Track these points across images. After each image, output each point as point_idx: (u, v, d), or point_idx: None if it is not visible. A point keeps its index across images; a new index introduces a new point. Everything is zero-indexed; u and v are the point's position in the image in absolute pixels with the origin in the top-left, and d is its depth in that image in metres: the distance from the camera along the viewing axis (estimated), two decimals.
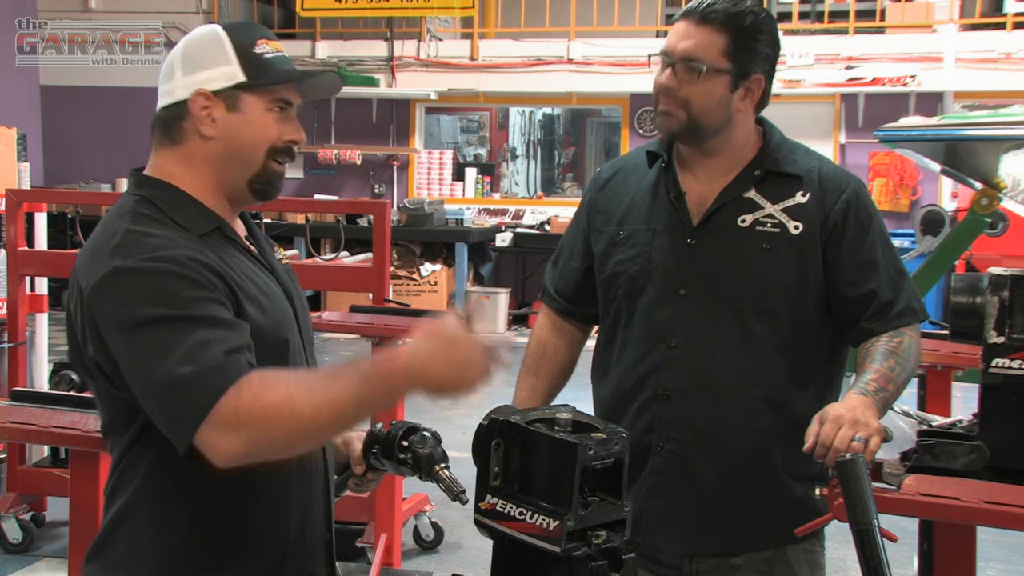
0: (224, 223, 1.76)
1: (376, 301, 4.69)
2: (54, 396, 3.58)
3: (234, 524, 1.69)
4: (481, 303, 1.74)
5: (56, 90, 12.36)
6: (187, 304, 1.57)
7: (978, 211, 5.82)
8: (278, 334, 1.73)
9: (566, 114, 16.02)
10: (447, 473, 1.77)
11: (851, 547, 1.81)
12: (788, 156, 2.21)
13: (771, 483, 2.17)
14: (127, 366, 1.58)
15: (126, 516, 1.70)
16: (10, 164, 5.93)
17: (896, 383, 2.06)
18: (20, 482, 4.90)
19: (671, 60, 2.13)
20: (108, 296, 1.59)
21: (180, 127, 1.74)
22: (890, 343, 2.10)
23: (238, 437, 1.50)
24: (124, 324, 1.57)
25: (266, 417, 1.50)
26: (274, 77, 1.74)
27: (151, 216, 1.68)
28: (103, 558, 1.73)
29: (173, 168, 1.75)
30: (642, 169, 2.30)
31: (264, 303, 1.71)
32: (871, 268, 2.15)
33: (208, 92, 1.71)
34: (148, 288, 1.57)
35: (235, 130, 1.73)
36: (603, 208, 2.32)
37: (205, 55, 1.73)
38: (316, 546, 1.82)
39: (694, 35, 2.11)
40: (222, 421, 1.49)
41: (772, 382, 2.15)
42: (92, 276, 1.62)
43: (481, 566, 4.27)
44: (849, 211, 2.15)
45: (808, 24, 11.41)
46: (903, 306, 2.15)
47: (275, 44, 1.77)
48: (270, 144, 1.75)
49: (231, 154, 1.74)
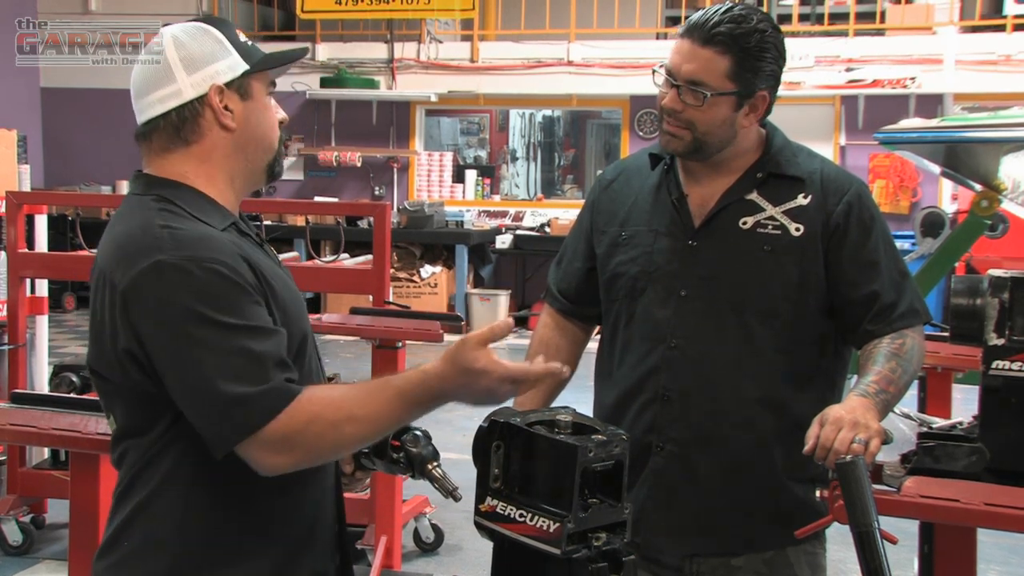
0: (236, 219, 1.78)
1: (376, 303, 4.68)
2: (54, 398, 3.58)
3: (252, 519, 1.71)
4: (506, 322, 1.78)
5: (56, 92, 12.36)
6: (232, 307, 1.60)
7: (978, 213, 5.82)
8: (299, 327, 1.75)
9: (566, 116, 16.03)
10: (439, 471, 1.78)
11: (852, 549, 1.81)
12: (790, 159, 2.21)
13: (771, 484, 2.17)
14: (169, 364, 1.60)
15: (142, 512, 1.71)
16: (10, 166, 5.93)
17: (898, 385, 2.06)
18: (20, 484, 4.89)
19: (675, 82, 2.11)
20: (151, 291, 1.60)
21: (196, 125, 1.74)
22: (892, 345, 2.10)
23: (287, 457, 1.60)
24: (168, 321, 1.59)
25: (315, 442, 1.60)
26: (269, 60, 1.81)
27: (175, 213, 1.69)
28: (116, 554, 1.73)
29: (186, 168, 1.75)
30: (645, 171, 2.30)
31: (287, 297, 1.74)
32: (873, 270, 2.14)
33: (221, 85, 1.74)
34: (193, 286, 1.59)
35: (252, 117, 1.78)
36: (606, 209, 2.33)
37: (205, 51, 1.74)
38: (327, 538, 1.84)
39: (698, 57, 2.08)
40: (272, 440, 1.57)
41: (772, 383, 2.15)
42: (130, 271, 1.62)
43: (481, 568, 4.27)
44: (851, 213, 2.15)
45: (808, 26, 11.41)
46: (906, 308, 2.14)
47: (244, 33, 1.84)
48: (278, 125, 1.83)
49: (252, 141, 1.78)
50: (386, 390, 1.61)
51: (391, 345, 4.40)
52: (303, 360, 1.74)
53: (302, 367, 1.72)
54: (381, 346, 4.43)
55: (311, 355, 1.80)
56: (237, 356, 1.57)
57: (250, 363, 1.57)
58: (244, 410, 1.56)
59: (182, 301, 1.58)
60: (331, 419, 1.59)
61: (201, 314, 1.57)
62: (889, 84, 10.37)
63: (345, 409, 1.60)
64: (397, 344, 4.40)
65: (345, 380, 4.31)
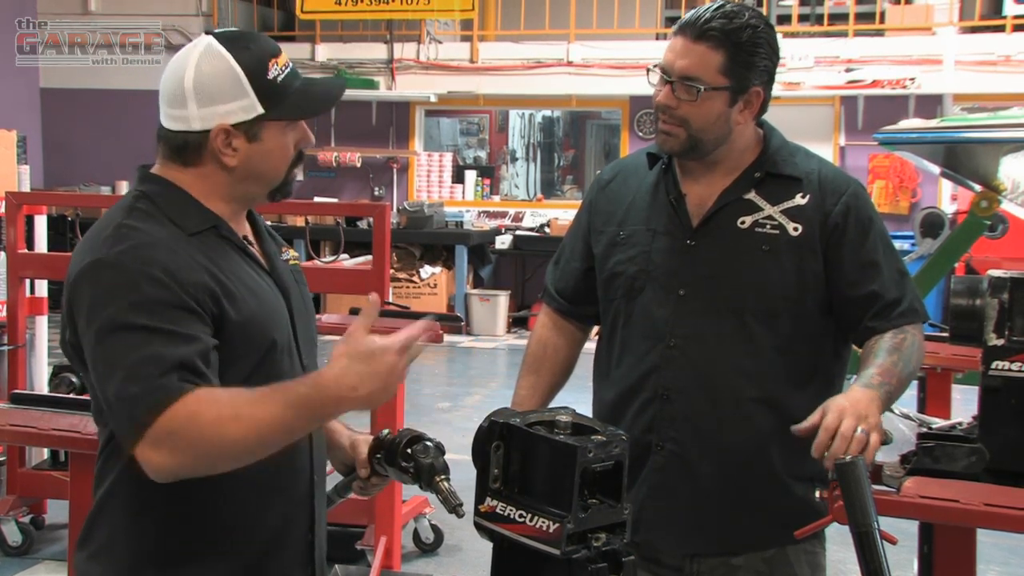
0: (222, 223, 1.77)
1: None
2: (54, 399, 3.59)
3: (206, 519, 1.71)
4: (374, 297, 1.79)
5: (56, 93, 12.35)
6: (154, 312, 1.60)
7: (978, 213, 5.82)
8: (264, 334, 1.74)
9: (566, 116, 16.02)
10: (446, 485, 1.77)
11: (851, 549, 1.81)
12: (788, 159, 2.21)
13: (771, 483, 2.17)
14: (90, 359, 1.64)
15: (107, 504, 1.74)
16: (10, 166, 5.93)
17: (899, 378, 2.06)
18: (20, 485, 4.89)
19: (669, 78, 2.13)
20: (85, 288, 1.64)
21: (198, 155, 1.74)
22: (894, 339, 2.11)
23: (169, 454, 1.56)
24: (92, 321, 1.62)
25: (195, 439, 1.56)
26: (293, 110, 1.76)
27: (146, 211, 1.71)
28: (88, 547, 1.77)
29: (182, 178, 1.76)
30: (642, 170, 2.31)
31: (251, 303, 1.72)
32: (874, 269, 2.15)
33: (228, 127, 1.71)
34: (124, 286, 1.61)
35: (257, 158, 1.75)
36: (603, 209, 2.33)
37: (222, 89, 1.70)
38: (297, 547, 1.83)
39: (691, 53, 2.09)
40: (156, 438, 1.56)
41: (772, 382, 2.16)
42: (77, 266, 1.67)
43: (481, 569, 4.27)
44: (849, 213, 2.16)
45: (808, 27, 11.42)
46: (907, 306, 2.15)
47: (282, 59, 1.76)
48: (290, 163, 1.80)
49: (252, 177, 1.78)
50: (277, 392, 1.59)
51: None
52: (269, 368, 1.74)
53: (269, 375, 1.71)
54: None
55: (284, 363, 1.78)
56: (143, 358, 1.58)
57: (150, 365, 1.57)
58: (135, 407, 1.56)
59: (110, 300, 1.61)
60: (213, 416, 1.56)
61: (124, 314, 1.60)
62: (889, 84, 10.37)
63: (231, 408, 1.57)
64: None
65: None
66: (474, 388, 8.52)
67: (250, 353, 1.70)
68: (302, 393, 1.59)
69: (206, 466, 1.60)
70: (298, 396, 1.58)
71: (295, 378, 1.75)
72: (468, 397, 8.07)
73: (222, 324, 1.67)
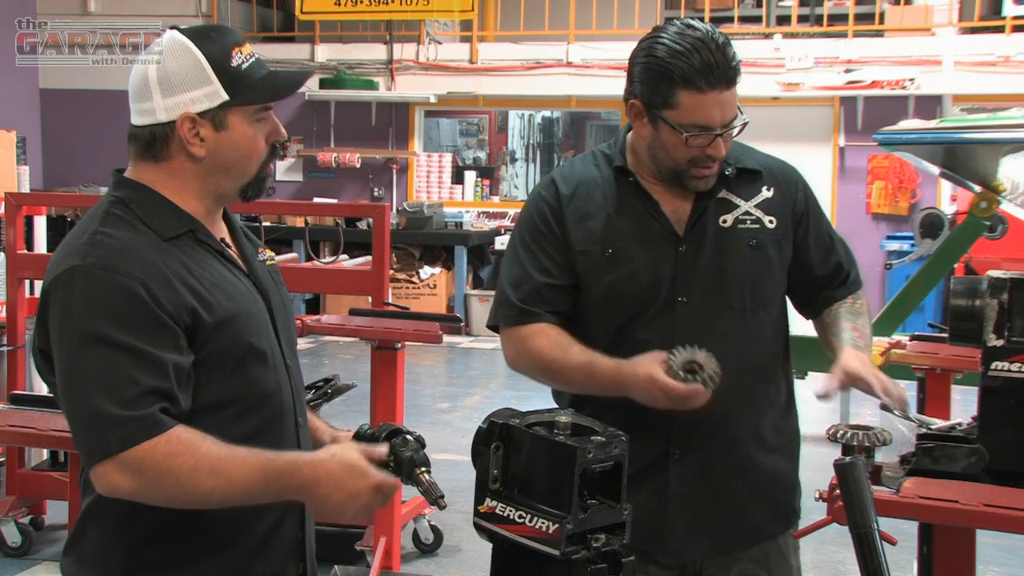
0: (199, 226, 1.77)
1: (375, 304, 4.68)
2: (53, 400, 3.58)
3: (195, 522, 1.70)
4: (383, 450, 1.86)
5: (55, 93, 12.36)
6: (129, 326, 1.60)
7: (977, 214, 5.83)
8: (243, 337, 1.74)
9: (565, 117, 16.03)
10: (427, 477, 1.77)
11: (850, 550, 1.81)
12: (745, 151, 2.28)
13: (770, 473, 2.24)
14: (59, 368, 1.64)
15: (96, 510, 1.74)
16: (9, 167, 5.94)
17: (867, 339, 2.25)
18: (19, 485, 4.89)
19: (720, 131, 2.09)
20: (61, 295, 1.64)
21: (166, 147, 1.75)
22: (855, 304, 2.30)
23: (131, 481, 1.59)
24: (66, 327, 1.62)
25: (165, 479, 1.59)
26: (257, 94, 1.75)
27: (121, 217, 1.71)
28: (77, 552, 1.76)
29: (154, 177, 1.77)
30: (602, 183, 2.24)
31: (229, 307, 1.72)
32: (831, 243, 2.32)
33: (194, 115, 1.72)
34: (97, 297, 1.61)
35: (225, 147, 1.75)
36: (577, 226, 2.22)
37: (184, 76, 1.72)
38: (288, 545, 1.84)
39: (731, 98, 2.09)
40: (124, 464, 1.58)
41: (772, 368, 2.26)
42: (52, 273, 1.67)
43: (480, 569, 4.27)
44: (809, 199, 2.29)
45: (807, 27, 11.43)
46: (855, 274, 2.34)
47: (246, 48, 1.77)
48: (261, 156, 1.78)
49: (222, 169, 1.76)
50: (255, 459, 1.62)
51: (390, 346, 4.40)
52: (250, 369, 1.74)
53: (250, 376, 1.72)
54: (380, 347, 4.42)
55: (264, 363, 1.78)
56: (117, 379, 1.58)
57: (125, 387, 1.58)
58: (109, 429, 1.57)
59: (83, 310, 1.61)
60: (191, 465, 1.59)
61: (96, 326, 1.60)
62: (888, 85, 10.38)
63: (209, 461, 1.60)
64: (396, 345, 4.40)
65: (344, 381, 4.31)
66: (474, 389, 8.51)
67: (230, 357, 1.71)
68: (280, 465, 1.63)
69: (161, 500, 1.63)
70: (276, 467, 1.63)
71: (278, 380, 1.78)
72: (468, 398, 8.06)
73: (199, 332, 1.67)
